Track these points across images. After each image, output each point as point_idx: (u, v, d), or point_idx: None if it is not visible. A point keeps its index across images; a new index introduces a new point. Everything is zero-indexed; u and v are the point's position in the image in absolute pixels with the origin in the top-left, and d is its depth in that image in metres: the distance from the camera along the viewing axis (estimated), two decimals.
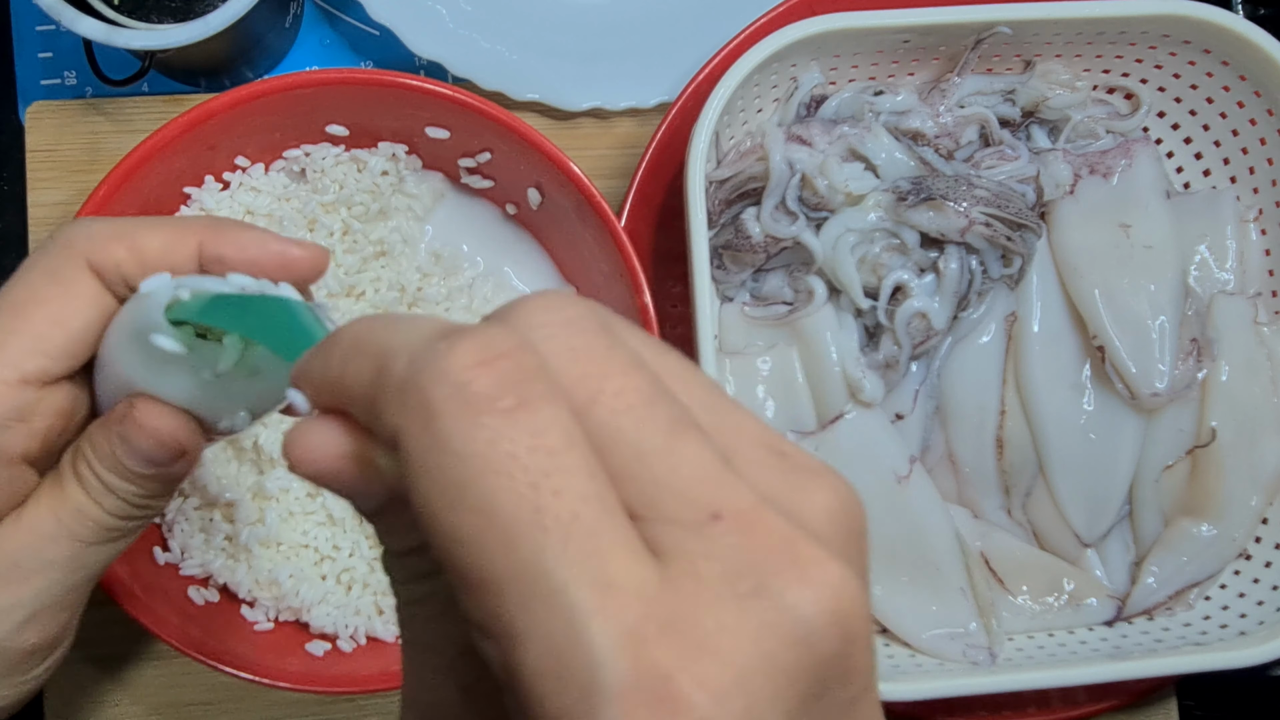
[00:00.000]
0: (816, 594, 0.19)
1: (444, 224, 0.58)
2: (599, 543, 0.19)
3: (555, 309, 0.21)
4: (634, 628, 0.18)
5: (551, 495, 0.19)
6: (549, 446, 0.19)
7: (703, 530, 0.19)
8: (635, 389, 0.20)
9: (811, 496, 0.21)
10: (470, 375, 0.19)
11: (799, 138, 0.54)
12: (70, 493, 0.34)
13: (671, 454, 0.20)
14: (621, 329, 0.22)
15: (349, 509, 0.52)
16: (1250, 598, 0.56)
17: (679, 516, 0.19)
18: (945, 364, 0.57)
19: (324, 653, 0.52)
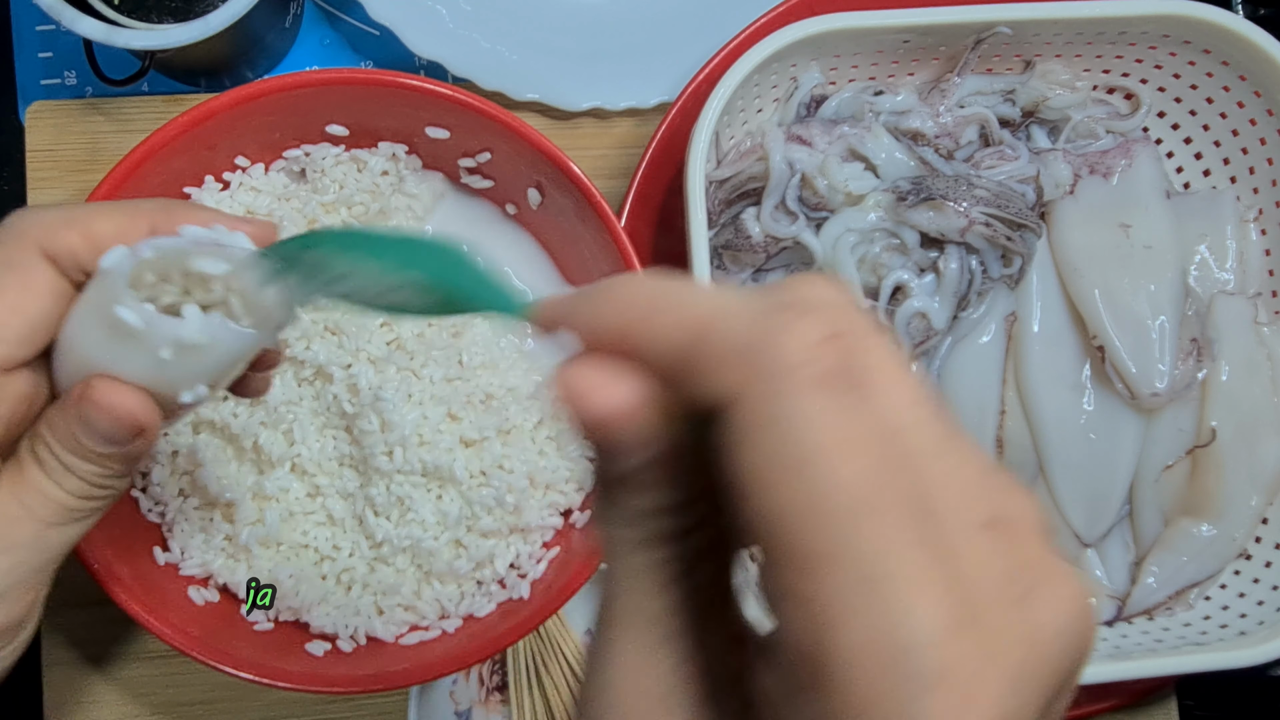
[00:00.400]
0: (1072, 610, 0.20)
1: (444, 224, 0.58)
2: (913, 535, 0.19)
3: (853, 304, 0.21)
4: (946, 622, 0.19)
5: (882, 488, 0.19)
6: (883, 436, 0.19)
7: (979, 535, 0.20)
8: (928, 400, 0.21)
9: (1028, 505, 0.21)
10: (818, 353, 0.19)
11: (799, 138, 0.54)
12: (31, 475, 0.34)
13: (956, 464, 0.20)
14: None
15: (348, 510, 0.53)
16: (1250, 598, 0.56)
17: (959, 520, 0.20)
18: (945, 364, 0.57)
19: (324, 653, 0.52)
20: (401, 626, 0.53)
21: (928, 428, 0.20)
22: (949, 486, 0.20)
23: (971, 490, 0.20)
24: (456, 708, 0.58)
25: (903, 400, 0.20)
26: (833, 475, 0.19)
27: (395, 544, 0.52)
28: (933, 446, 0.20)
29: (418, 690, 0.58)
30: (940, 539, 0.19)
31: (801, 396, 0.19)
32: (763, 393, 0.19)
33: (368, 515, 0.52)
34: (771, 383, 0.19)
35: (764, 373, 0.19)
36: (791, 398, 0.19)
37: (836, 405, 0.19)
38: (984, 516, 0.20)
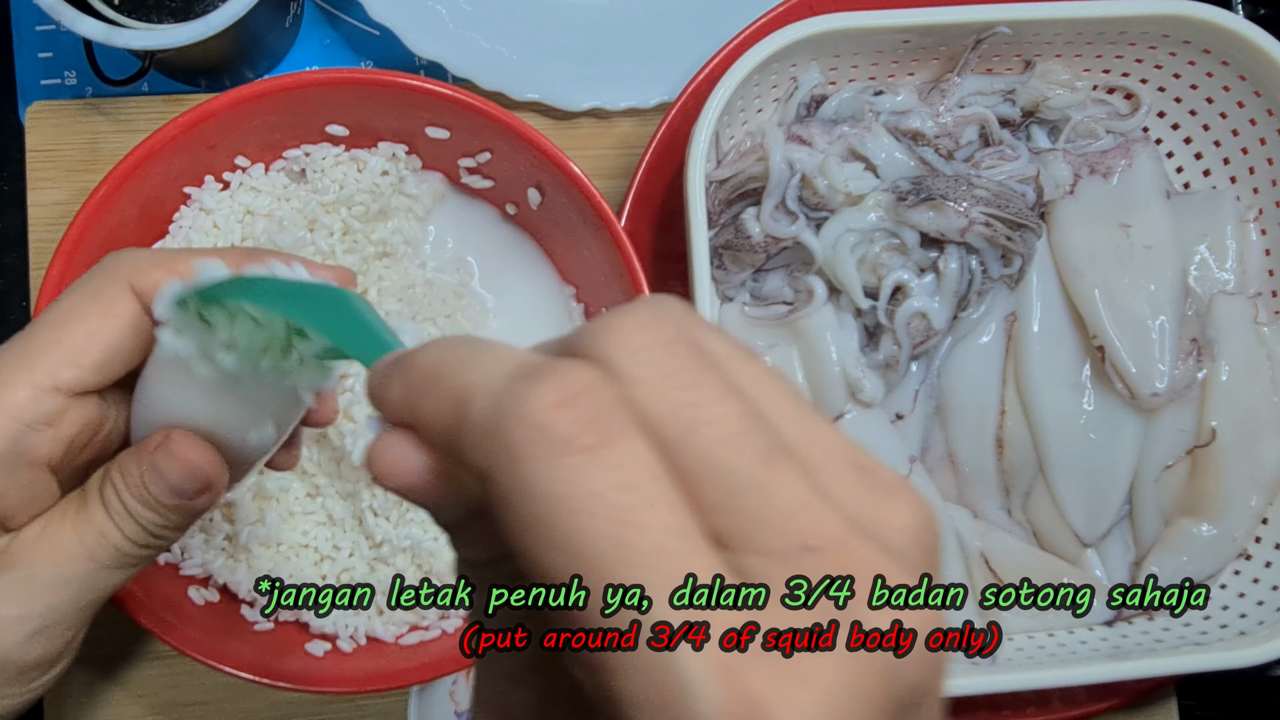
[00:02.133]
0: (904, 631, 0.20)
1: (444, 224, 0.58)
2: (684, 575, 0.19)
3: (645, 330, 0.21)
4: (730, 658, 0.18)
5: (635, 530, 0.19)
6: (630, 482, 0.19)
7: (794, 561, 0.19)
8: (730, 417, 0.20)
9: (895, 516, 0.21)
10: (550, 417, 0.19)
11: (799, 138, 0.54)
12: (94, 514, 0.35)
13: (765, 486, 0.20)
14: (707, 338, 0.21)
15: (348, 510, 0.53)
16: (1250, 598, 0.56)
17: (771, 548, 0.20)
18: (945, 364, 0.57)
19: (324, 653, 0.52)
20: (401, 626, 0.53)
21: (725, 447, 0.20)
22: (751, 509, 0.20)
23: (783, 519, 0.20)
24: (456, 708, 0.58)
25: (688, 425, 0.20)
26: (573, 535, 0.19)
27: (395, 544, 0.52)
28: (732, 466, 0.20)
29: (418, 690, 0.58)
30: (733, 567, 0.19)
31: (533, 463, 0.19)
32: (502, 465, 0.20)
33: (367, 515, 0.52)
34: (507, 454, 0.20)
35: (501, 448, 0.20)
36: (523, 465, 0.19)
37: (576, 465, 0.19)
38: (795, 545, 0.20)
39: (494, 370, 0.21)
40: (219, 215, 0.54)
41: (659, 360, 0.20)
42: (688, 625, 0.19)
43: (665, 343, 0.21)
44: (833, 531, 0.20)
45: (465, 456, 0.21)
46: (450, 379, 0.22)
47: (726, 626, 0.19)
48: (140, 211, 0.51)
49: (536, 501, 0.19)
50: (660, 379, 0.20)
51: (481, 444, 0.20)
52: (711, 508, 0.20)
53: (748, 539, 0.20)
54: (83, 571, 0.35)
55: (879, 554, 0.20)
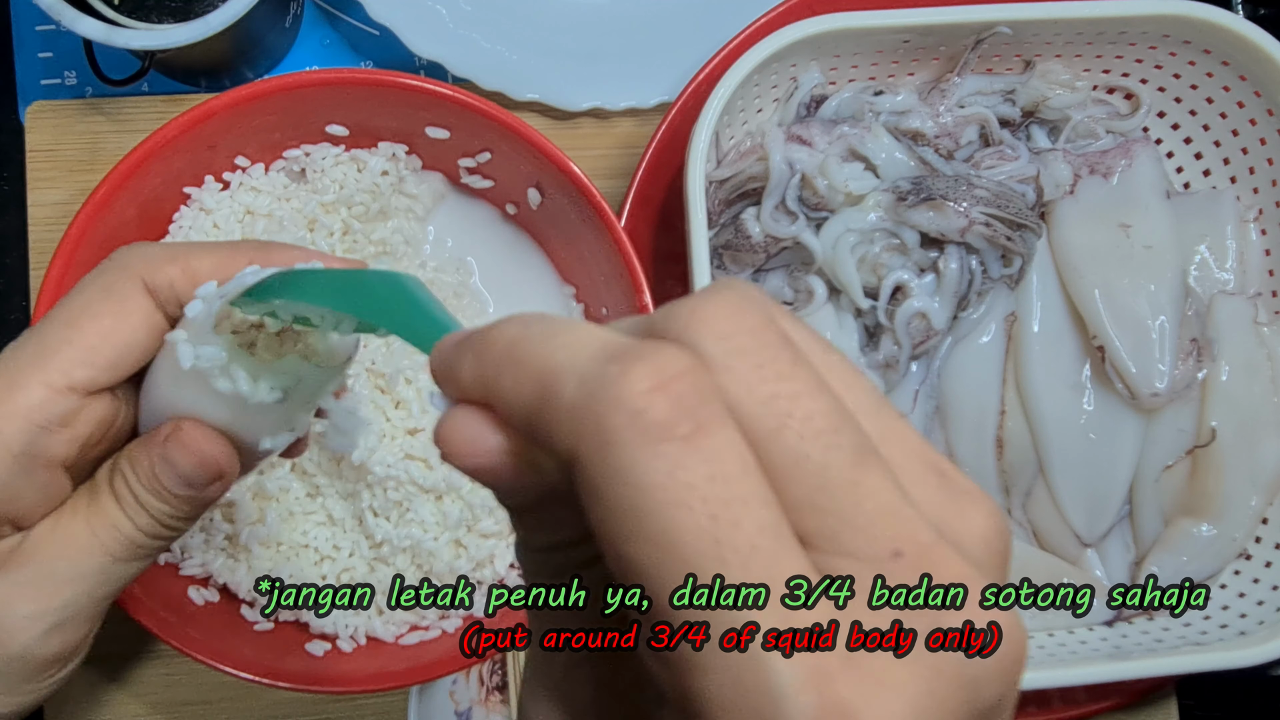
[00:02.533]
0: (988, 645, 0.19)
1: (444, 224, 0.58)
2: (779, 576, 0.18)
3: (734, 315, 0.20)
4: (818, 663, 0.18)
5: (730, 527, 0.18)
6: (726, 475, 0.19)
7: (883, 567, 0.19)
8: (822, 414, 0.20)
9: (971, 522, 0.21)
10: (646, 402, 0.19)
11: (799, 138, 0.54)
12: (106, 507, 0.35)
13: (856, 487, 0.20)
14: (793, 327, 0.21)
15: (348, 510, 0.53)
16: (1250, 598, 0.56)
17: (860, 551, 0.19)
18: (945, 364, 0.57)
19: (324, 653, 0.52)
20: (401, 626, 0.53)
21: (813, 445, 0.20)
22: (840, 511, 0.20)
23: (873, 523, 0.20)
24: (456, 708, 0.58)
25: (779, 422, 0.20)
26: (664, 527, 0.18)
27: (395, 544, 0.52)
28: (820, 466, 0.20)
29: (418, 690, 0.58)
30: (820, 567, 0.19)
31: (628, 450, 0.19)
32: (593, 450, 0.19)
33: (367, 515, 0.52)
34: (600, 439, 0.19)
35: (593, 429, 0.19)
36: (617, 452, 0.19)
37: (669, 453, 0.19)
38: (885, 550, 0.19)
39: (581, 350, 0.20)
40: (219, 215, 0.54)
41: (749, 349, 0.20)
42: (776, 630, 0.18)
43: (754, 330, 0.20)
44: (921, 538, 0.20)
45: (550, 438, 0.20)
46: (533, 357, 0.21)
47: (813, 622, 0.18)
48: (140, 211, 0.51)
49: (630, 490, 0.19)
50: (752, 369, 0.20)
51: (570, 426, 0.19)
52: (798, 505, 0.19)
53: (836, 540, 0.19)
54: (97, 565, 0.35)
55: (962, 562, 0.20)
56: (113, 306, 0.34)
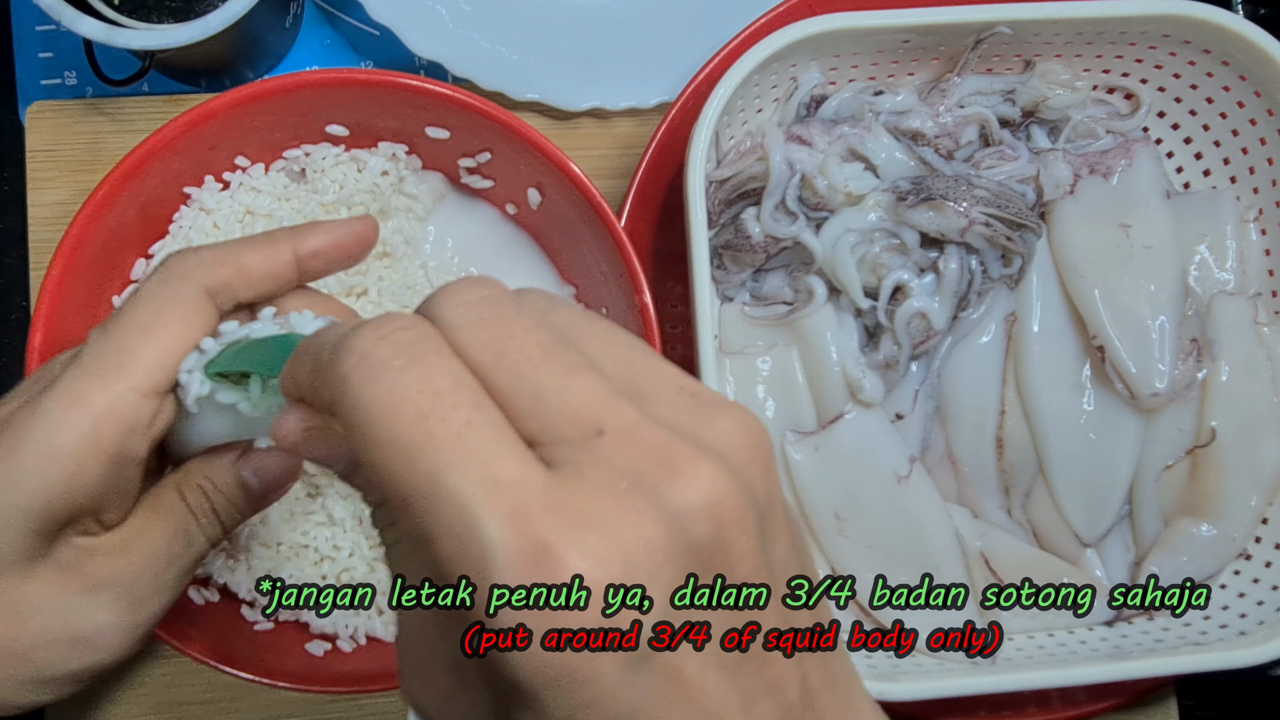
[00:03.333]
0: (687, 487, 0.22)
1: (444, 224, 0.58)
2: (484, 451, 0.22)
3: (468, 290, 0.25)
4: (517, 510, 0.22)
5: (439, 421, 0.23)
6: (437, 387, 0.23)
7: (588, 444, 0.23)
8: (536, 343, 0.24)
9: (715, 424, 0.24)
10: (370, 347, 0.24)
11: (799, 138, 0.54)
12: (182, 521, 0.39)
13: (564, 389, 0.23)
14: (537, 300, 0.25)
15: (348, 510, 0.53)
16: (1250, 598, 0.56)
17: (568, 436, 0.23)
18: (945, 364, 0.57)
19: (324, 653, 0.52)
20: None
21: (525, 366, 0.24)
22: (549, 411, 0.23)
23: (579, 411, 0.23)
24: None
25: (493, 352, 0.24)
26: (387, 428, 0.23)
27: None
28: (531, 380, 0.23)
29: None
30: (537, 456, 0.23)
31: (359, 382, 0.23)
32: (336, 391, 0.24)
33: (367, 515, 0.52)
34: (338, 380, 0.24)
35: (336, 379, 0.24)
36: (348, 384, 0.24)
37: (389, 378, 0.23)
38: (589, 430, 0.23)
39: (338, 329, 0.26)
40: (219, 215, 0.54)
41: (476, 309, 0.25)
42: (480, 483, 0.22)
43: (484, 298, 0.25)
44: (625, 419, 0.23)
45: (320, 398, 0.25)
46: (311, 345, 0.27)
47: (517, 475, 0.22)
48: (140, 211, 0.51)
49: (360, 411, 0.23)
50: (475, 322, 0.24)
51: (325, 381, 0.25)
52: (520, 414, 0.23)
53: (549, 432, 0.23)
54: (174, 577, 0.39)
55: (669, 436, 0.23)
56: (180, 313, 0.37)
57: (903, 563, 0.55)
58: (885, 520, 0.55)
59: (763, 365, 0.55)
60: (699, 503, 0.22)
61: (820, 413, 0.55)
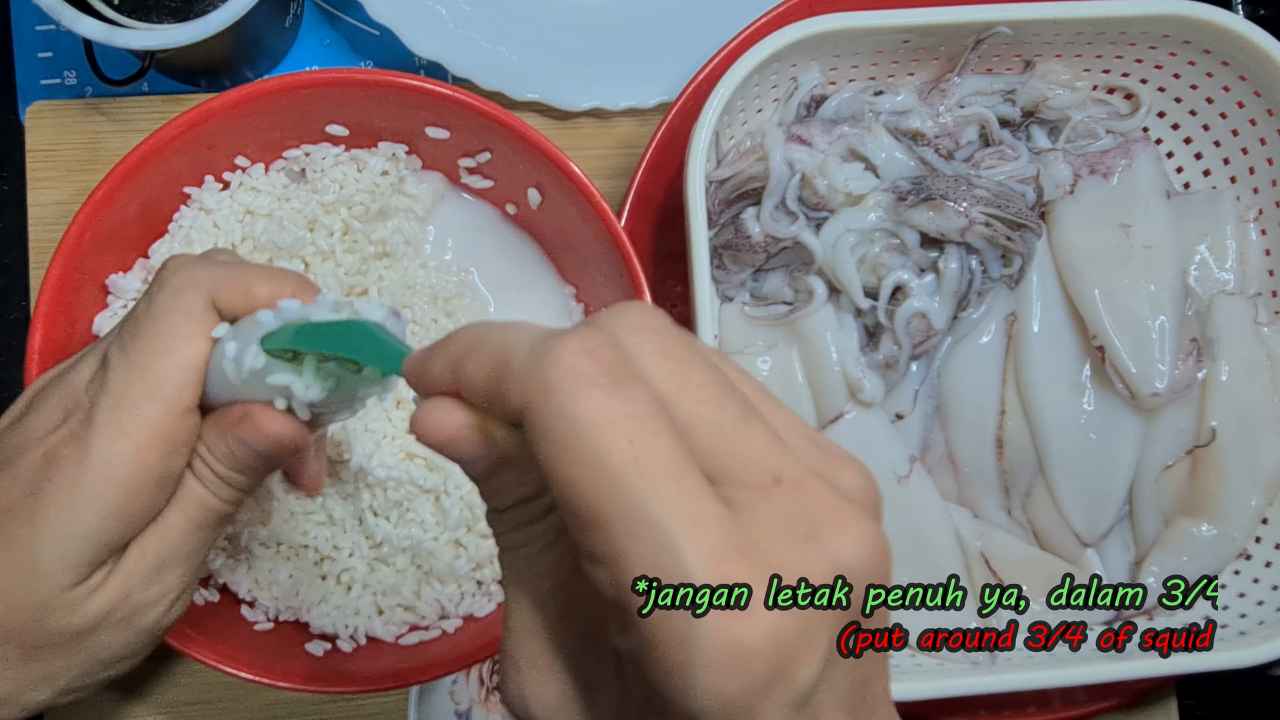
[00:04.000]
0: (856, 542, 0.24)
1: (444, 224, 0.58)
2: (685, 485, 0.23)
3: (643, 316, 0.26)
4: (716, 548, 0.23)
5: (646, 449, 0.23)
6: (640, 413, 0.24)
7: (767, 491, 0.24)
8: (714, 383, 0.25)
9: (845, 474, 0.26)
10: (576, 361, 0.24)
11: (799, 138, 0.54)
12: (191, 489, 0.39)
13: (741, 434, 0.25)
14: (690, 335, 0.26)
15: (348, 510, 0.53)
16: (1250, 598, 0.56)
17: (748, 480, 0.24)
18: (945, 364, 0.57)
19: (324, 653, 0.52)
20: (401, 626, 0.53)
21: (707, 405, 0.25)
22: (730, 452, 0.24)
23: (757, 459, 0.24)
24: (456, 708, 0.58)
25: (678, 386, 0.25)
26: (596, 447, 0.23)
27: (395, 544, 0.52)
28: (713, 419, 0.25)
29: (418, 690, 0.58)
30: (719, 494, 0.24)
31: (564, 394, 0.24)
32: (538, 399, 0.24)
33: (367, 516, 0.52)
34: (543, 390, 0.24)
35: (538, 383, 0.24)
36: (556, 396, 0.24)
37: (597, 394, 0.23)
38: (767, 478, 0.24)
39: (527, 332, 0.26)
40: (219, 215, 0.54)
41: (655, 340, 0.25)
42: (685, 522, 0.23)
43: (658, 328, 0.26)
44: (797, 471, 0.25)
45: (505, 399, 0.25)
46: (490, 342, 0.26)
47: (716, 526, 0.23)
48: (140, 211, 0.51)
49: (566, 423, 0.23)
50: (656, 352, 0.25)
51: (520, 384, 0.25)
52: (698, 452, 0.24)
53: (730, 474, 0.24)
54: (195, 542, 0.40)
55: (834, 492, 0.25)
56: (197, 329, 0.38)
57: (903, 562, 0.55)
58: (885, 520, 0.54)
59: (763, 365, 0.55)
60: (865, 558, 0.24)
61: (820, 413, 0.55)
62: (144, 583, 0.39)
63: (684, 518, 0.23)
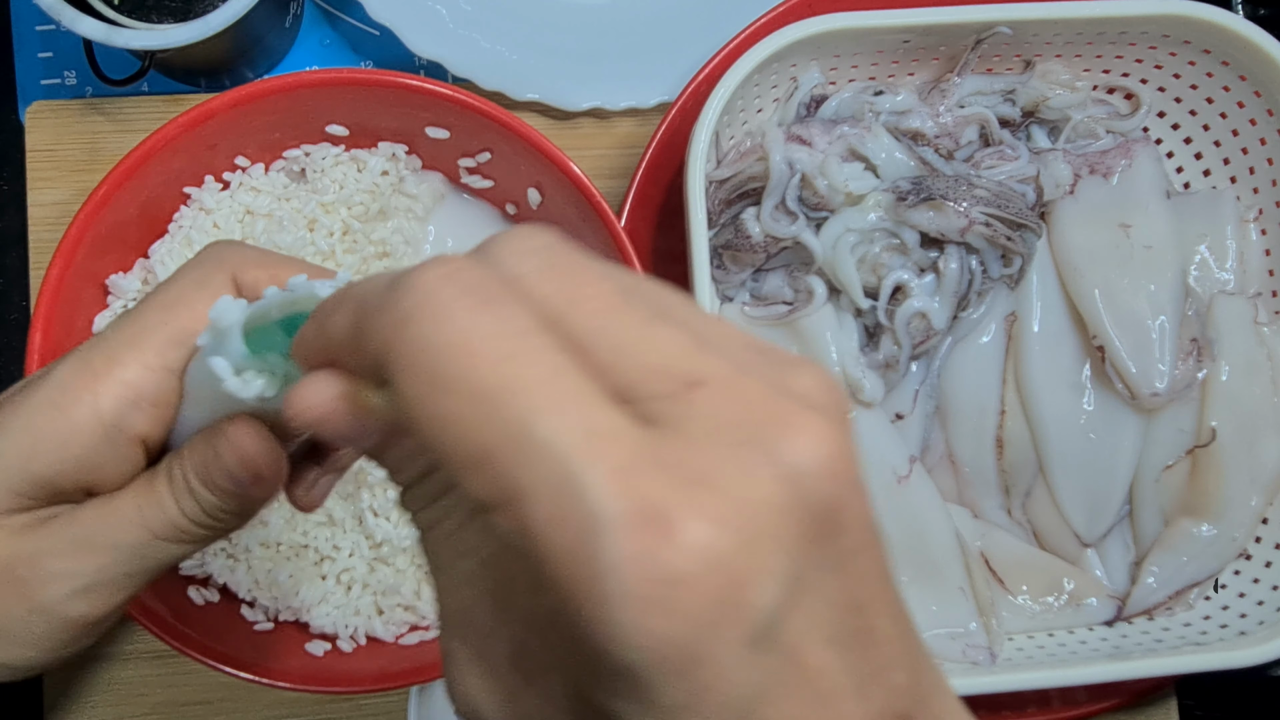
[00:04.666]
0: (807, 443, 0.20)
1: (444, 224, 0.58)
2: (577, 400, 0.20)
3: (529, 237, 0.22)
4: (623, 465, 0.19)
5: (526, 364, 0.20)
6: (515, 330, 0.20)
7: (685, 397, 0.20)
8: (608, 293, 0.21)
9: (798, 379, 0.21)
10: (436, 285, 0.21)
11: (799, 138, 0.54)
12: (158, 486, 0.36)
13: (646, 340, 0.21)
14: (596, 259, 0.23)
15: (348, 510, 0.53)
16: (1250, 598, 0.56)
17: (661, 390, 0.20)
18: (945, 364, 0.57)
19: (324, 653, 0.52)
20: (401, 626, 0.53)
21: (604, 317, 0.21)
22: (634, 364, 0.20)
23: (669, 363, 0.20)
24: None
25: (568, 301, 0.21)
26: (469, 372, 0.20)
27: (395, 544, 0.52)
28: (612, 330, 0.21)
29: (418, 690, 0.58)
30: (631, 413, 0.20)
31: (423, 321, 0.20)
32: (396, 333, 0.21)
33: (367, 515, 0.52)
34: (400, 322, 0.21)
35: (393, 317, 0.21)
36: (415, 324, 0.21)
37: (463, 316, 0.20)
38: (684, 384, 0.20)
39: (384, 276, 0.23)
40: (219, 215, 0.54)
41: (537, 259, 0.22)
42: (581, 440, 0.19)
43: (543, 246, 0.22)
44: (722, 371, 0.20)
45: (364, 348, 0.22)
46: (349, 294, 0.24)
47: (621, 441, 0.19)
48: (140, 211, 0.51)
49: (428, 355, 0.20)
50: (539, 270, 0.22)
51: (378, 326, 0.21)
52: (603, 368, 0.20)
53: (638, 387, 0.20)
54: (135, 538, 0.36)
55: (775, 393, 0.20)
56: (205, 296, 0.36)
57: (903, 563, 0.55)
58: (885, 520, 0.54)
59: None
60: (820, 458, 0.20)
61: None
62: (55, 549, 0.35)
63: (579, 435, 0.19)
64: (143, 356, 0.35)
